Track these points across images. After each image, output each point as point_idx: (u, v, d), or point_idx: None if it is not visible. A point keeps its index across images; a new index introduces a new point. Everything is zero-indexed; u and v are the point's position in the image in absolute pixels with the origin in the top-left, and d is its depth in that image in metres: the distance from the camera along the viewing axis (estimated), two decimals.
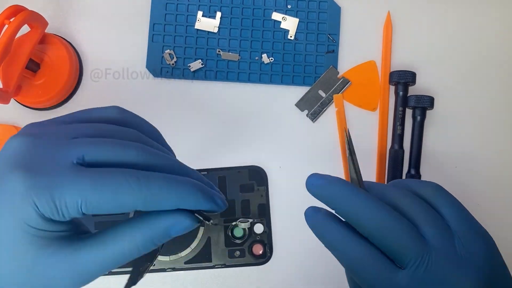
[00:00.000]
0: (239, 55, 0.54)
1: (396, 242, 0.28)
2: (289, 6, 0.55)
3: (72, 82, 0.53)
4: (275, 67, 0.54)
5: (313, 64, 0.54)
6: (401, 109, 0.53)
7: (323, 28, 0.55)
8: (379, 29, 0.55)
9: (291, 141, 0.54)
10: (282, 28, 0.55)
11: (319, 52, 0.55)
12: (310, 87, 0.54)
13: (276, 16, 0.55)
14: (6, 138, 0.53)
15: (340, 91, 0.54)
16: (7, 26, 0.45)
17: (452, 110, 0.54)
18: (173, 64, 0.54)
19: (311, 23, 0.55)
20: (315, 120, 0.54)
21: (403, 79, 0.52)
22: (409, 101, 0.52)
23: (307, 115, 0.54)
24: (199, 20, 0.55)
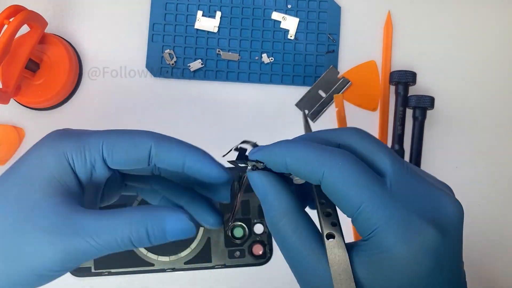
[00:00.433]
0: (239, 55, 0.54)
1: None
2: (289, 5, 0.55)
3: (71, 82, 0.53)
4: (275, 67, 0.54)
5: (313, 64, 0.54)
6: (401, 109, 0.53)
7: (323, 28, 0.55)
8: (379, 29, 0.55)
9: None
10: (282, 28, 0.55)
11: (319, 52, 0.55)
12: (310, 87, 0.54)
13: (276, 15, 0.54)
14: (5, 138, 0.54)
15: (340, 91, 0.54)
16: (6, 26, 0.45)
17: (452, 110, 0.54)
18: (173, 64, 0.54)
19: (311, 23, 0.55)
20: (315, 120, 0.54)
21: (403, 79, 0.52)
22: (410, 101, 0.52)
23: (307, 115, 0.54)
24: (199, 19, 0.54)
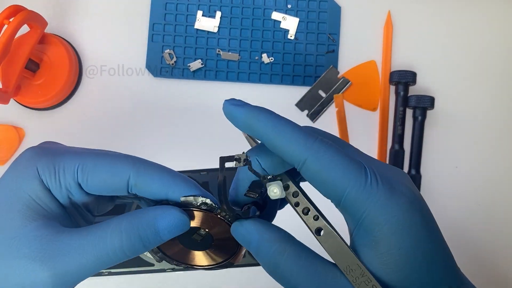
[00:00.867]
0: (239, 55, 0.54)
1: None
2: (289, 5, 0.55)
3: (71, 82, 0.53)
4: (275, 67, 0.54)
5: (313, 64, 0.54)
6: (401, 109, 0.53)
7: (323, 28, 0.55)
8: (379, 29, 0.55)
9: None
10: (282, 27, 0.54)
11: (319, 52, 0.54)
12: (310, 87, 0.54)
13: (276, 15, 0.54)
14: (5, 138, 0.54)
15: (340, 91, 0.54)
16: (6, 26, 0.45)
17: (452, 110, 0.54)
18: (173, 64, 0.54)
19: (311, 23, 0.55)
20: (315, 120, 0.54)
21: (403, 79, 0.52)
22: (410, 101, 0.52)
23: (307, 115, 0.54)
24: (198, 19, 0.54)
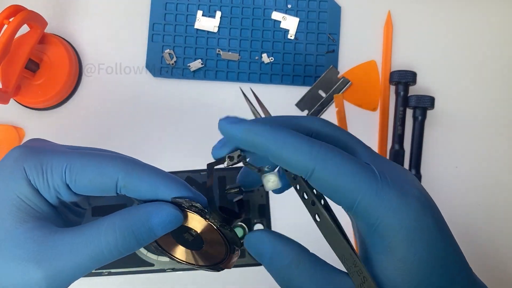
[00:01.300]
0: (239, 55, 0.54)
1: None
2: (289, 5, 0.55)
3: (71, 82, 0.53)
4: (275, 67, 0.54)
5: (313, 64, 0.54)
6: (401, 109, 0.53)
7: (323, 27, 0.55)
8: (379, 29, 0.55)
9: None
10: (282, 27, 0.54)
11: (319, 52, 0.54)
12: (310, 87, 0.54)
13: (276, 15, 0.54)
14: (5, 138, 0.54)
15: (340, 91, 0.54)
16: (6, 26, 0.45)
17: (452, 110, 0.54)
18: (173, 63, 0.54)
19: (311, 23, 0.55)
20: None
21: (403, 79, 0.52)
22: (410, 101, 0.52)
23: (307, 115, 0.54)
24: (198, 19, 0.54)
